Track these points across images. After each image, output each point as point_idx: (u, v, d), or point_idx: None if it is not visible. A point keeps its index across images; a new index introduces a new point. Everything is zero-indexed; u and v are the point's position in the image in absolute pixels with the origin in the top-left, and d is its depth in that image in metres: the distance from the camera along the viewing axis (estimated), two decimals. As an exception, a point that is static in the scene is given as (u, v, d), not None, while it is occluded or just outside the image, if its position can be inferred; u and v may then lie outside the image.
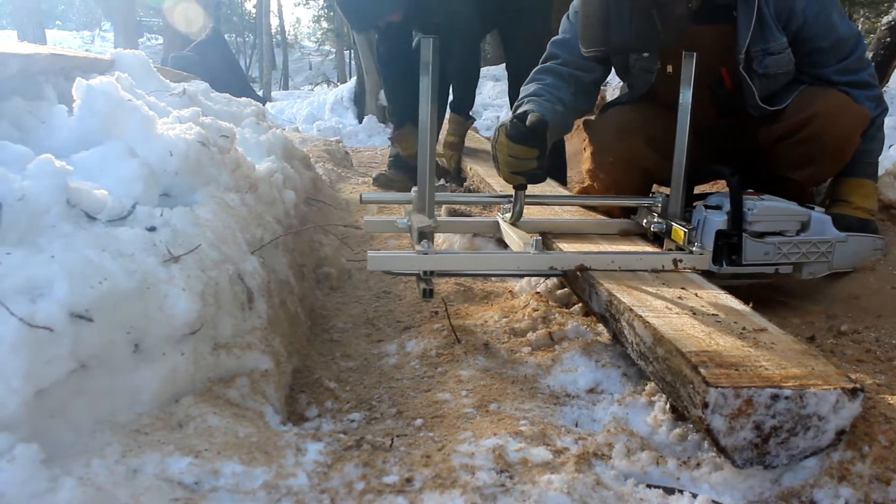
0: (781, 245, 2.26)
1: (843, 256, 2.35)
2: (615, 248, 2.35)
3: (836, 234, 2.32)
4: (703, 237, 2.25)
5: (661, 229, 2.40)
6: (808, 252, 2.28)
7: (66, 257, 1.35)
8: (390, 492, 1.30)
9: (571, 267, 2.13)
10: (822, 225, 2.31)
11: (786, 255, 2.27)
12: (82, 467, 1.22)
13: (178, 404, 1.46)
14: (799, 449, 1.44)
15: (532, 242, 2.15)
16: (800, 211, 2.28)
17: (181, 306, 1.49)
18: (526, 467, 1.40)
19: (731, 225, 2.22)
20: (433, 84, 2.00)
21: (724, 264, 2.24)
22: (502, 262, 2.23)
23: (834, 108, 2.46)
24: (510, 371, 1.94)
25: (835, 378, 1.47)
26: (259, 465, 1.32)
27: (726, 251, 2.24)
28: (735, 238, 2.22)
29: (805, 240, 2.28)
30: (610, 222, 2.66)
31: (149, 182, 1.77)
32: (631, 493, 1.39)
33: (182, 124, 2.15)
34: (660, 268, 2.16)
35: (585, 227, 2.63)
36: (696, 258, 2.19)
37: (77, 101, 1.93)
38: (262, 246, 2.05)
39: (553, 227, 2.59)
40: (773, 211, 2.25)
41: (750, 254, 2.23)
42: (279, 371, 1.75)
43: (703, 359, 1.51)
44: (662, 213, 2.44)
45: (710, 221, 2.25)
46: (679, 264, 2.16)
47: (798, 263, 2.30)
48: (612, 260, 2.14)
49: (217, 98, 4.00)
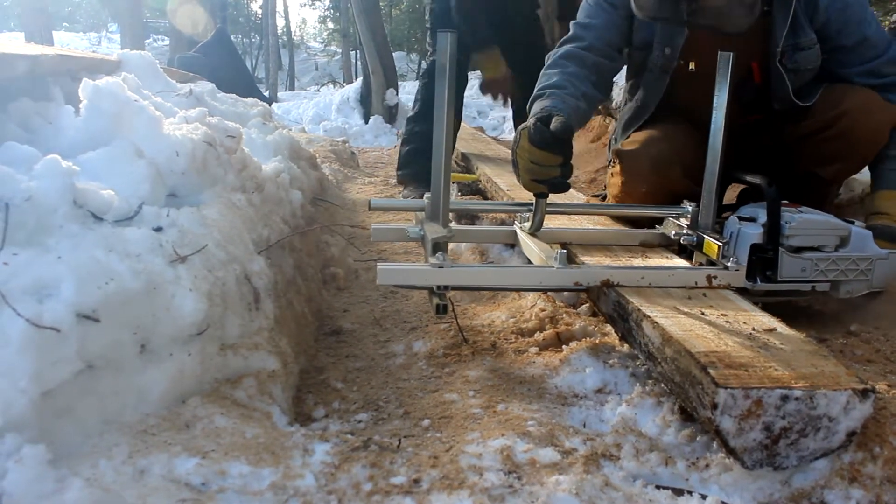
0: (819, 261, 2.12)
1: (884, 275, 2.20)
2: (643, 262, 2.23)
3: (876, 251, 2.18)
4: (736, 251, 2.12)
5: (692, 242, 2.26)
6: (846, 269, 2.15)
7: (73, 257, 1.35)
8: (398, 493, 1.29)
9: (597, 283, 2.00)
10: (862, 240, 2.18)
11: (823, 272, 2.13)
12: (89, 468, 1.22)
13: (186, 405, 1.45)
14: (809, 450, 1.43)
15: (556, 256, 2.01)
16: (840, 225, 2.16)
17: (188, 306, 1.49)
18: (534, 468, 1.39)
19: (766, 238, 2.09)
20: (450, 83, 1.91)
21: (757, 280, 2.11)
22: (524, 277, 2.06)
23: (863, 105, 2.42)
24: (518, 371, 1.94)
25: (845, 379, 1.46)
26: (266, 466, 1.31)
27: (760, 266, 2.11)
28: (770, 253, 2.09)
29: (844, 256, 2.15)
30: (634, 233, 2.51)
31: (155, 182, 1.77)
32: (640, 493, 1.38)
33: (188, 124, 2.15)
34: (693, 284, 2.02)
35: (608, 237, 2.48)
36: (732, 274, 2.05)
37: (84, 102, 1.93)
38: (268, 246, 2.05)
39: (574, 237, 2.45)
40: (812, 224, 2.13)
41: (786, 270, 2.11)
42: (286, 371, 1.74)
43: (712, 359, 1.50)
44: (692, 224, 2.32)
45: (744, 234, 2.12)
46: (713, 281, 2.03)
47: (836, 281, 2.16)
48: (642, 276, 2.00)
49: (223, 98, 4.01)
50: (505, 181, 3.65)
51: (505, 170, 4.06)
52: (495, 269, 2.29)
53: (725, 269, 2.06)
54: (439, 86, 1.93)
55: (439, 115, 1.99)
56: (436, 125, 2.01)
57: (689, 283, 2.02)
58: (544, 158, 2.07)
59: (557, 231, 2.45)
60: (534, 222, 2.28)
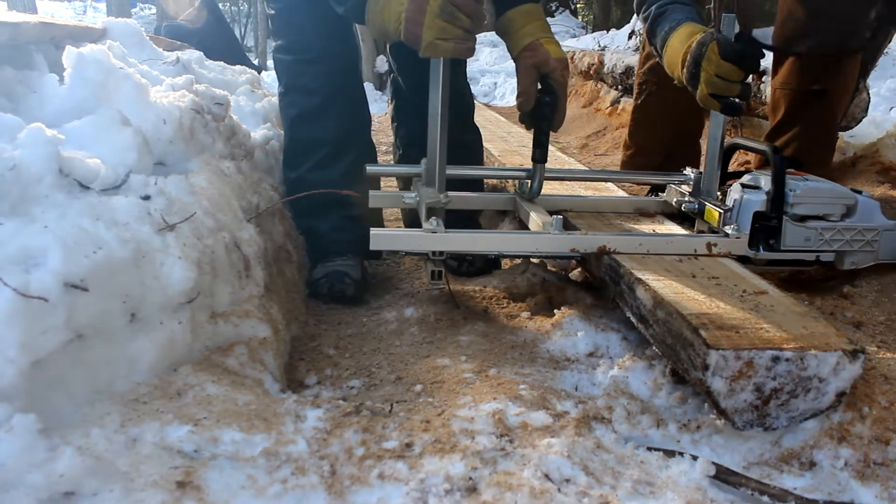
0: (824, 231, 2.09)
1: (891, 247, 2.17)
2: (643, 228, 2.21)
3: (883, 221, 2.15)
4: (739, 219, 2.09)
5: (693, 209, 2.24)
6: (852, 240, 2.11)
7: (60, 227, 1.33)
8: (390, 457, 1.29)
9: (594, 249, 1.98)
10: (869, 210, 2.14)
11: (828, 242, 2.10)
12: (81, 437, 1.21)
13: (177, 373, 1.45)
14: (799, 411, 1.45)
15: (553, 222, 2.00)
16: (846, 194, 2.13)
17: (177, 275, 1.48)
18: (526, 431, 1.40)
19: (770, 206, 2.06)
20: None
21: (760, 249, 2.09)
22: (519, 243, 2.05)
23: None
24: (509, 336, 1.94)
25: (835, 340, 1.47)
26: (258, 433, 1.32)
27: (764, 235, 2.09)
28: (774, 221, 2.06)
29: (850, 226, 2.11)
30: (635, 200, 2.51)
31: (142, 151, 1.75)
32: (631, 455, 1.39)
33: (175, 92, 2.12)
34: (692, 252, 2.00)
35: (608, 205, 2.46)
36: (732, 242, 2.03)
37: (68, 70, 1.90)
38: (258, 213, 2.04)
39: (573, 204, 2.43)
40: (818, 192, 2.10)
41: (790, 239, 2.08)
42: (278, 339, 1.74)
43: (703, 321, 1.51)
44: (695, 191, 2.30)
45: (747, 202, 2.09)
46: (713, 248, 2.02)
47: (840, 251, 2.13)
48: (639, 243, 1.98)
49: (211, 66, 3.95)
50: (497, 147, 3.63)
51: (496, 136, 4.04)
52: (490, 234, 2.27)
53: (726, 237, 2.04)
54: None
55: (435, 78, 1.97)
56: (431, 89, 1.99)
57: (689, 250, 2.01)
58: (731, 73, 2.04)
59: (558, 198, 2.44)
60: (532, 187, 2.27)
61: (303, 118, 2.41)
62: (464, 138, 2.59)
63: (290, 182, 2.45)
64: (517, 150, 3.58)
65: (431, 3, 1.88)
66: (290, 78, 2.44)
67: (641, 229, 2.21)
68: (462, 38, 1.93)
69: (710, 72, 2.06)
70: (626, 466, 1.35)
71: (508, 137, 4.03)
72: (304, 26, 2.33)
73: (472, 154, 2.67)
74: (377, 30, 2.02)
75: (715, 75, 2.05)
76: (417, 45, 1.93)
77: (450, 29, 1.90)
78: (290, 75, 2.44)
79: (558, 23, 12.24)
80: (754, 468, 1.40)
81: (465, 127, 2.64)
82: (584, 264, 2.15)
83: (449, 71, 1.98)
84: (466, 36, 1.94)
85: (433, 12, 1.88)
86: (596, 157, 5.15)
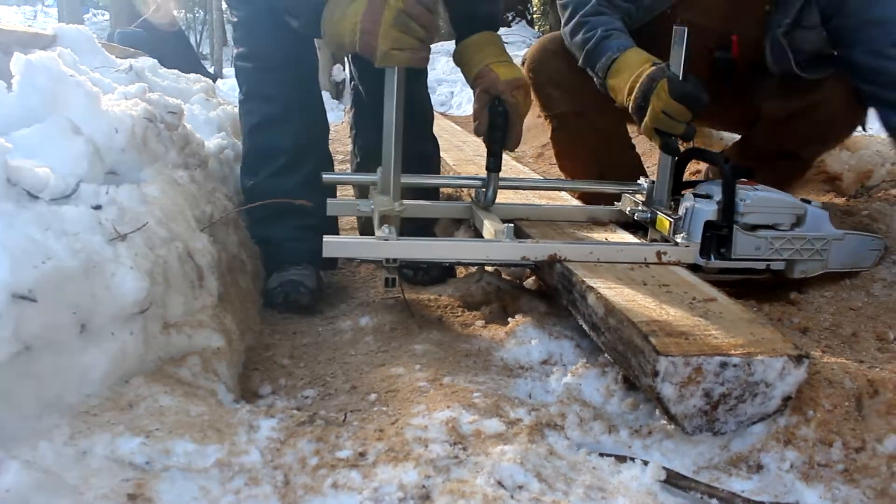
0: (774, 240, 2.11)
1: (839, 255, 2.21)
2: (595, 237, 2.23)
3: (832, 231, 2.19)
4: (690, 228, 2.10)
5: (646, 218, 2.26)
6: (801, 249, 2.15)
7: (7, 237, 1.31)
8: (344, 466, 1.29)
9: (545, 257, 1.99)
10: (818, 220, 2.17)
11: (778, 251, 2.13)
12: (29, 450, 1.20)
13: (129, 384, 1.43)
14: (747, 415, 1.48)
15: (504, 230, 2.00)
16: (795, 204, 2.15)
17: (129, 285, 1.46)
18: (479, 439, 1.41)
19: (721, 216, 2.08)
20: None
21: (711, 258, 2.10)
22: (471, 251, 2.05)
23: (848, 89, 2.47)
24: (464, 344, 1.95)
25: (781, 346, 1.50)
26: (211, 444, 1.31)
27: (715, 244, 2.10)
28: (725, 230, 2.08)
29: (799, 235, 2.14)
30: (590, 209, 2.49)
31: (94, 160, 1.73)
32: (584, 461, 1.41)
33: (128, 100, 2.10)
34: (642, 260, 2.01)
35: (563, 214, 2.46)
36: (682, 251, 2.05)
37: (16, 77, 1.87)
38: (211, 223, 2.02)
39: (528, 213, 2.43)
40: (768, 202, 2.12)
41: (740, 248, 2.10)
42: (231, 349, 1.73)
43: (653, 328, 1.53)
44: (647, 200, 2.31)
45: (698, 211, 2.10)
46: (663, 257, 2.03)
47: (790, 260, 2.16)
48: (590, 251, 1.99)
49: (165, 74, 3.91)
50: (452, 157, 3.64)
51: (451, 145, 4.06)
52: (443, 242, 2.28)
53: (676, 246, 2.06)
54: None
55: (390, 88, 1.98)
56: (386, 98, 2.00)
57: (639, 259, 2.02)
58: (679, 112, 2.09)
59: (513, 207, 2.44)
60: (486, 197, 2.26)
61: (262, 125, 2.40)
62: (422, 148, 2.60)
63: (247, 190, 2.43)
64: (472, 160, 3.59)
65: (386, 13, 1.89)
66: (250, 85, 2.43)
67: (594, 237, 2.23)
68: (416, 48, 1.95)
69: (658, 108, 2.10)
70: (579, 472, 1.37)
71: (464, 147, 4.05)
72: (265, 35, 2.33)
73: (428, 164, 2.68)
74: (333, 42, 2.02)
75: (661, 112, 2.10)
76: (373, 55, 1.94)
77: (404, 39, 1.91)
78: (250, 83, 2.43)
79: (515, 33, 12.28)
80: (704, 472, 1.43)
81: (423, 137, 2.65)
82: (538, 272, 2.16)
83: (404, 80, 1.99)
84: (421, 46, 1.95)
85: (387, 23, 1.89)
86: (551, 165, 5.16)
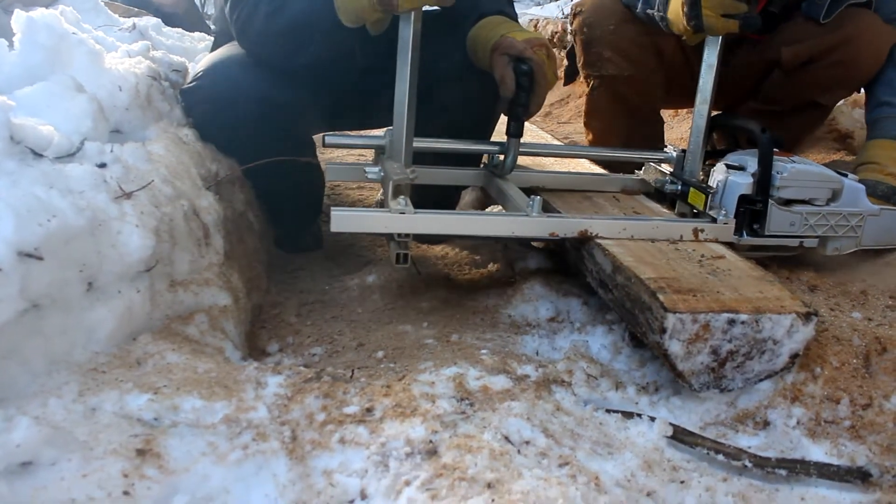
0: (809, 215, 2.01)
1: (874, 232, 2.10)
2: (621, 207, 2.13)
3: (868, 206, 2.08)
4: (724, 202, 1.99)
5: (676, 190, 2.13)
6: (836, 225, 2.04)
7: (12, 195, 1.31)
8: (351, 422, 1.30)
9: (575, 234, 1.84)
10: (854, 195, 2.06)
11: (812, 228, 2.02)
12: (38, 407, 1.20)
13: (136, 342, 1.44)
14: (754, 372, 1.48)
15: (532, 203, 1.85)
16: (833, 177, 2.03)
17: (135, 243, 1.46)
18: (486, 395, 1.41)
19: (756, 189, 1.96)
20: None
21: (744, 234, 1.99)
22: (495, 225, 1.86)
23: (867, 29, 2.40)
24: (471, 302, 1.95)
25: (789, 303, 1.50)
26: (219, 400, 1.31)
27: (748, 219, 1.99)
28: (759, 205, 1.96)
29: (835, 211, 2.03)
30: (613, 178, 2.36)
31: (98, 118, 1.72)
32: (590, 417, 1.41)
33: (132, 59, 2.08)
34: (678, 238, 1.89)
35: (585, 182, 2.32)
36: (720, 228, 1.93)
37: (18, 35, 1.85)
38: (217, 181, 2.02)
39: (547, 181, 2.28)
40: (805, 176, 2.00)
41: (774, 224, 1.98)
42: (238, 307, 1.73)
43: (661, 285, 1.53)
44: (676, 170, 2.19)
45: (732, 184, 1.98)
46: (700, 234, 1.91)
47: (824, 237, 2.06)
48: (623, 227, 1.86)
49: (169, 33, 3.89)
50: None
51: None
52: (464, 216, 2.09)
53: (713, 222, 1.95)
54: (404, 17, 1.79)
55: (404, 38, 1.86)
56: (400, 49, 1.87)
57: (675, 236, 1.91)
58: None
59: (532, 174, 2.30)
60: (506, 163, 2.09)
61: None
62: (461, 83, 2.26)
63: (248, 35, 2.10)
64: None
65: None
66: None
67: (620, 208, 2.12)
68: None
69: None
70: (586, 428, 1.37)
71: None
72: None
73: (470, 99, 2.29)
74: (352, 14, 1.88)
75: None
76: (393, 5, 1.77)
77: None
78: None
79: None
80: (710, 428, 1.43)
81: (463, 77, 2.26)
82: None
83: (420, 28, 1.82)
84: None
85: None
86: (559, 125, 5.15)
